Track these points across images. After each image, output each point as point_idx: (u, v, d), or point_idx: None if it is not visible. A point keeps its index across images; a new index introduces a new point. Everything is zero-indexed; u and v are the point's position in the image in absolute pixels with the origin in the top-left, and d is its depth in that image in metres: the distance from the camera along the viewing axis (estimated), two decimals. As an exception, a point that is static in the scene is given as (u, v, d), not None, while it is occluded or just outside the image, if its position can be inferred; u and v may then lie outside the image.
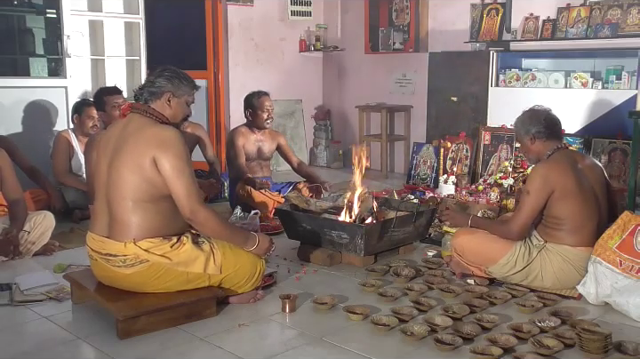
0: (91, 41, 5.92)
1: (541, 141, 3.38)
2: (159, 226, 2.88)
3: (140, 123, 2.89)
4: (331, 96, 8.00)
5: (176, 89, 2.96)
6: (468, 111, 6.08)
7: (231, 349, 2.69)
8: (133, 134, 2.85)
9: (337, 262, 3.82)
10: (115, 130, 2.98)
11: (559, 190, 3.20)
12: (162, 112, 2.94)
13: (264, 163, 5.28)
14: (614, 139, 5.07)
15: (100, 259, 2.92)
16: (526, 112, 3.50)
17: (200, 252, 2.93)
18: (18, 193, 3.89)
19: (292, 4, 7.46)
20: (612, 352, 2.61)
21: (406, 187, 5.86)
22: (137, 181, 2.81)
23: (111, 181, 2.87)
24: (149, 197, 2.84)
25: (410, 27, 6.96)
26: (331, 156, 7.80)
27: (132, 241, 2.83)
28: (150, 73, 2.96)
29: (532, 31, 5.89)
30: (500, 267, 3.35)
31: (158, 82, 2.93)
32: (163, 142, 2.81)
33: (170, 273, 2.89)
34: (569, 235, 3.26)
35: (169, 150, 2.80)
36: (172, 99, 2.96)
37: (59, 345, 2.75)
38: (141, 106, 2.94)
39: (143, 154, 2.79)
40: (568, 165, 3.27)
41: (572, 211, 3.23)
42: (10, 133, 5.11)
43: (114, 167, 2.86)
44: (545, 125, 3.38)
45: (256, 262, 3.10)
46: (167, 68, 3.00)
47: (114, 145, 2.90)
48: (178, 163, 2.80)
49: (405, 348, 2.69)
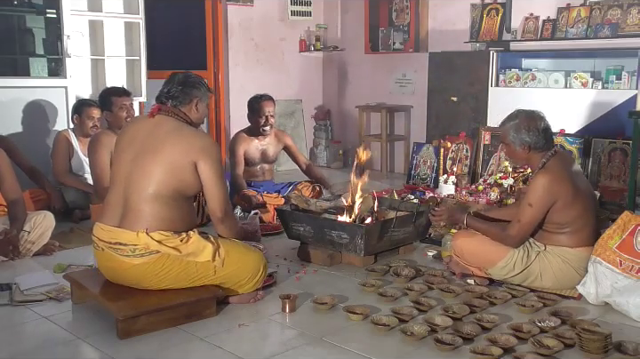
0: (91, 41, 5.92)
1: (536, 152, 3.28)
2: (173, 220, 2.94)
3: (174, 126, 3.03)
4: (331, 96, 8.01)
5: (202, 95, 3.16)
6: (468, 111, 6.08)
7: (231, 349, 2.69)
8: (171, 135, 2.98)
9: (337, 262, 3.82)
10: (142, 126, 3.08)
11: (561, 200, 3.17)
12: (189, 115, 3.11)
13: (267, 166, 5.21)
14: (614, 139, 5.07)
15: (107, 249, 2.94)
16: (522, 118, 3.28)
17: (207, 243, 3.00)
18: (17, 193, 3.89)
19: (291, 4, 7.46)
20: (611, 352, 2.61)
21: (406, 187, 5.86)
22: (166, 177, 2.92)
23: (134, 174, 2.94)
24: (172, 193, 2.94)
25: (410, 27, 6.96)
26: (331, 156, 7.80)
27: (145, 231, 2.87)
28: (172, 77, 3.16)
29: (531, 31, 5.89)
30: (498, 270, 3.35)
31: (187, 88, 3.10)
32: (205, 149, 2.99)
33: (176, 263, 2.92)
34: (569, 238, 3.25)
35: (211, 157, 2.99)
36: (199, 104, 3.14)
37: (59, 345, 2.75)
38: (172, 109, 3.08)
39: (184, 155, 2.94)
40: (566, 172, 3.23)
41: (573, 216, 3.21)
42: (10, 133, 5.10)
43: (142, 159, 2.94)
44: (544, 137, 3.26)
45: (259, 262, 3.12)
46: (190, 75, 3.19)
47: (143, 140, 3.00)
48: (218, 170, 3.02)
49: (405, 348, 2.69)
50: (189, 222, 3.05)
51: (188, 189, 3.01)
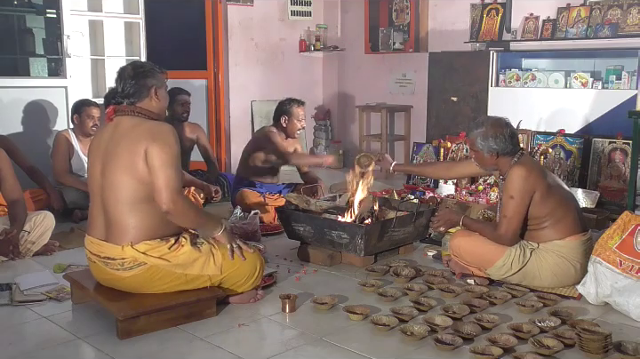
0: (91, 41, 5.92)
1: (504, 157, 3.33)
2: (156, 227, 2.87)
3: (131, 123, 2.88)
4: (331, 96, 8.00)
5: (158, 81, 2.97)
6: (468, 111, 6.08)
7: (231, 349, 2.68)
8: (126, 134, 2.84)
9: (337, 262, 3.82)
10: (104, 134, 2.96)
11: (539, 190, 3.26)
12: (149, 109, 2.93)
13: (276, 169, 5.24)
14: (614, 139, 5.07)
15: (98, 262, 2.92)
16: (487, 126, 3.33)
17: (199, 254, 2.93)
18: (17, 193, 3.89)
19: (291, 4, 7.46)
20: (611, 352, 2.61)
21: (406, 187, 5.85)
22: (131, 183, 2.80)
23: (106, 185, 2.86)
24: (145, 198, 2.82)
25: (410, 27, 6.96)
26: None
27: (130, 244, 2.82)
28: (121, 73, 2.96)
29: (531, 31, 5.89)
30: (496, 270, 3.36)
31: (140, 80, 2.91)
32: (154, 135, 2.80)
33: (168, 275, 2.89)
34: (553, 230, 3.30)
35: (158, 142, 2.78)
36: (158, 91, 2.96)
37: (59, 345, 2.75)
38: (127, 107, 2.92)
39: (136, 151, 2.78)
40: (538, 166, 3.42)
41: (551, 207, 3.28)
42: (10, 133, 5.10)
43: (108, 171, 2.85)
44: (511, 142, 3.32)
45: (256, 260, 3.10)
46: (137, 65, 2.99)
47: (105, 148, 2.89)
48: (164, 156, 2.78)
49: (405, 348, 2.69)
50: (174, 224, 2.91)
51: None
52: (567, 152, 5.23)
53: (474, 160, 3.54)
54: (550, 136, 5.30)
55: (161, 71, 3.01)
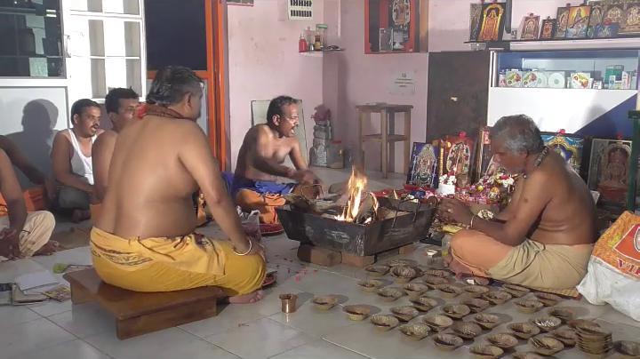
0: (91, 41, 5.91)
1: (532, 154, 3.31)
2: (166, 226, 2.90)
3: (158, 123, 2.93)
4: (331, 96, 8.00)
5: (194, 88, 3.04)
6: (468, 111, 6.08)
7: (231, 349, 2.69)
8: (153, 133, 2.90)
9: (337, 262, 3.82)
10: (131, 130, 3.02)
11: (558, 196, 3.21)
12: (180, 112, 2.99)
13: None
14: (614, 139, 5.07)
15: (103, 256, 2.93)
16: (512, 124, 3.31)
17: (203, 253, 2.95)
18: (17, 193, 3.89)
19: (291, 4, 7.45)
20: (611, 352, 2.61)
21: (406, 187, 5.86)
22: (154, 181, 2.86)
23: (125, 178, 2.91)
24: (163, 198, 2.88)
25: (410, 27, 6.96)
26: (331, 156, 7.80)
27: (137, 238, 2.85)
28: (159, 75, 3.02)
29: (531, 31, 5.89)
30: (498, 270, 3.36)
31: (176, 84, 2.98)
32: (184, 136, 2.87)
33: (172, 272, 2.90)
34: (567, 235, 3.27)
35: (191, 142, 2.87)
36: (192, 98, 3.03)
37: (59, 345, 2.75)
38: (158, 107, 2.98)
39: (168, 152, 2.86)
40: (562, 169, 3.29)
41: (570, 213, 3.24)
42: (10, 133, 5.10)
43: (129, 166, 2.91)
44: (539, 138, 3.32)
45: (258, 264, 3.11)
46: (177, 70, 3.04)
47: (131, 144, 2.95)
48: (201, 151, 2.87)
49: (405, 348, 2.69)
50: (186, 226, 2.99)
51: (180, 191, 2.93)
52: (567, 152, 5.23)
53: (500, 163, 3.49)
54: (550, 136, 5.30)
55: (199, 80, 3.09)
